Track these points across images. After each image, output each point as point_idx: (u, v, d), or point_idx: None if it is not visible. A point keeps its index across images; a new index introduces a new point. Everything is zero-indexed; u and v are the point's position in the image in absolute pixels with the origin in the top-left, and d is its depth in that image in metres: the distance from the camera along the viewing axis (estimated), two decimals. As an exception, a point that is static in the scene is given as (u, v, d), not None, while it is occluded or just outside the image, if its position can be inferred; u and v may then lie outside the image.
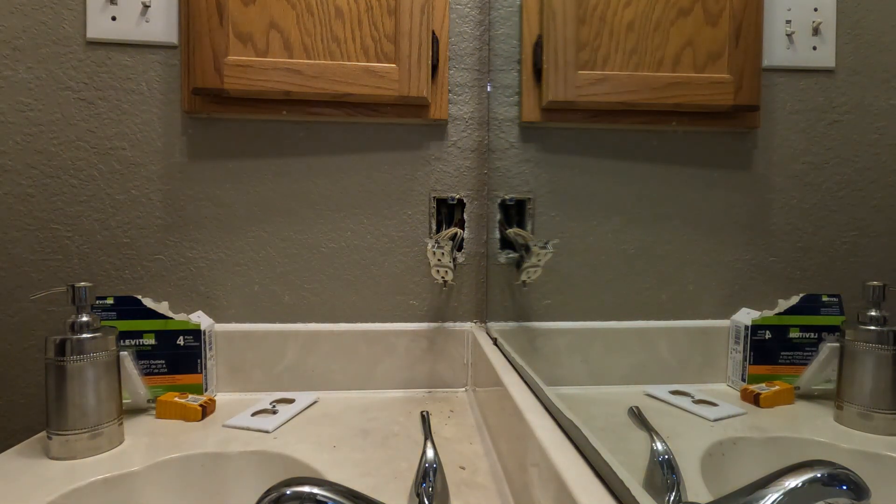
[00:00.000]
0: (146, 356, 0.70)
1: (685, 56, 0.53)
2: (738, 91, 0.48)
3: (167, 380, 0.70)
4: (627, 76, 0.58)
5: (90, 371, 0.57)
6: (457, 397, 0.79)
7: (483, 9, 0.84)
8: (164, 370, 0.70)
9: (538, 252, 0.62)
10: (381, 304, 0.83)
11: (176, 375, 0.71)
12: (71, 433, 0.56)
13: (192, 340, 0.71)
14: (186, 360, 0.71)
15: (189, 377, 0.71)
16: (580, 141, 0.70)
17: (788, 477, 0.27)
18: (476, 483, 0.52)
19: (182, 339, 0.71)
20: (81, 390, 0.57)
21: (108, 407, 0.59)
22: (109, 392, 0.59)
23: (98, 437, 0.57)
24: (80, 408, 0.57)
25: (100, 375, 0.58)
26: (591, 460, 0.35)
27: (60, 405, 0.56)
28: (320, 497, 0.36)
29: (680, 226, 0.53)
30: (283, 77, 0.75)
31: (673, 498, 0.37)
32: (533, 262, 0.63)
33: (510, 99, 0.82)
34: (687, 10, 0.53)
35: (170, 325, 0.71)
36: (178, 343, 0.71)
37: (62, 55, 0.77)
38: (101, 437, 0.57)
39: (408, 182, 0.83)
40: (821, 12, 0.45)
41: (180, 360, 0.71)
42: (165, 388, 0.70)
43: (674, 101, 0.54)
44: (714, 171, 0.50)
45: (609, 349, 0.60)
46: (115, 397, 0.60)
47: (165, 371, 0.70)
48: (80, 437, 0.56)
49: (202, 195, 0.80)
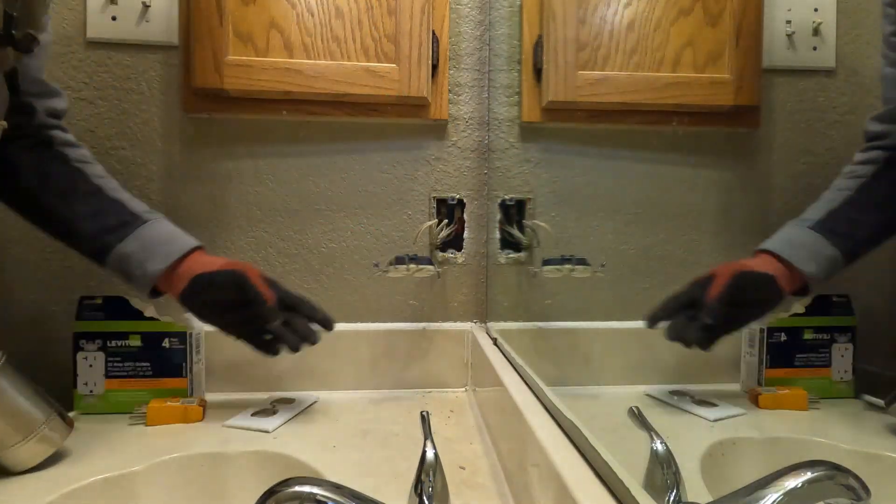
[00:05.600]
0: (131, 357, 0.69)
1: (685, 56, 0.53)
2: (738, 91, 0.48)
3: (151, 383, 0.69)
4: (627, 76, 0.58)
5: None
6: (457, 397, 0.79)
7: (483, 9, 0.84)
8: (149, 373, 0.69)
9: (576, 269, 0.62)
10: (381, 304, 0.83)
11: (161, 378, 0.69)
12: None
13: (177, 343, 0.70)
14: (171, 363, 0.70)
15: (174, 381, 0.69)
16: (580, 141, 0.70)
17: (788, 477, 0.27)
18: (476, 483, 0.52)
19: (167, 342, 0.70)
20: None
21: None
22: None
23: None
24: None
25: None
26: (591, 460, 0.35)
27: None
28: (320, 497, 0.36)
29: (680, 226, 0.53)
30: (283, 77, 0.75)
31: (673, 498, 0.37)
32: (565, 272, 0.63)
33: (510, 99, 0.82)
34: (687, 11, 0.54)
35: (156, 327, 0.69)
36: (164, 345, 0.70)
37: (62, 55, 0.77)
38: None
39: (408, 182, 0.83)
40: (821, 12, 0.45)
41: (165, 363, 0.69)
42: (149, 392, 0.69)
43: (674, 101, 0.54)
44: (714, 171, 0.50)
45: (609, 349, 0.60)
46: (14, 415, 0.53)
47: (150, 374, 0.69)
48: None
49: (202, 195, 0.80)
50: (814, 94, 0.44)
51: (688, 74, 0.53)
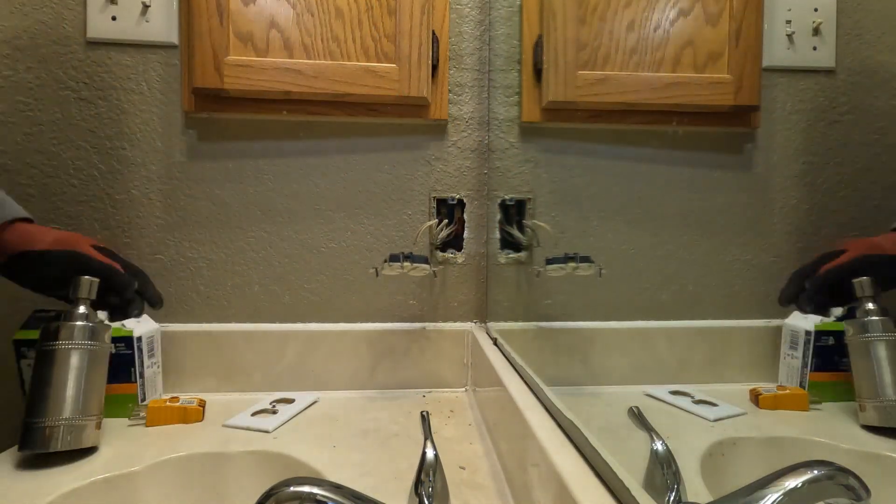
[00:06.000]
0: None
1: (685, 56, 0.53)
2: (738, 91, 0.48)
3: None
4: (627, 76, 0.58)
5: (75, 358, 0.56)
6: (457, 397, 0.79)
7: (483, 9, 0.84)
8: None
9: (580, 266, 0.62)
10: (381, 304, 0.83)
11: (110, 384, 0.65)
12: (43, 421, 0.54)
13: (123, 348, 0.68)
14: (118, 368, 0.67)
15: (122, 386, 0.68)
16: (580, 141, 0.70)
17: (788, 477, 0.27)
18: (476, 483, 0.52)
19: (114, 347, 0.66)
20: (61, 377, 0.55)
21: (88, 401, 0.56)
22: (90, 385, 0.57)
23: (73, 431, 0.55)
24: (56, 396, 0.54)
25: (83, 366, 0.56)
26: (591, 460, 0.35)
27: (35, 392, 0.55)
28: (320, 497, 0.36)
29: (680, 226, 0.53)
30: (283, 77, 0.75)
31: (673, 498, 0.37)
32: (568, 270, 0.63)
33: (510, 99, 0.82)
34: (687, 10, 0.53)
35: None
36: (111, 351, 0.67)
37: (62, 55, 0.77)
38: (74, 431, 0.55)
39: (408, 182, 0.83)
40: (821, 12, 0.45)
41: (112, 369, 0.64)
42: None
43: (674, 101, 0.54)
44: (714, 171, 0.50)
45: (609, 349, 0.60)
46: (95, 394, 0.57)
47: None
48: (55, 427, 0.54)
49: (202, 195, 0.80)
50: (814, 94, 0.44)
51: (688, 74, 0.53)
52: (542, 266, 0.73)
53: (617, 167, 0.60)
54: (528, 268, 0.78)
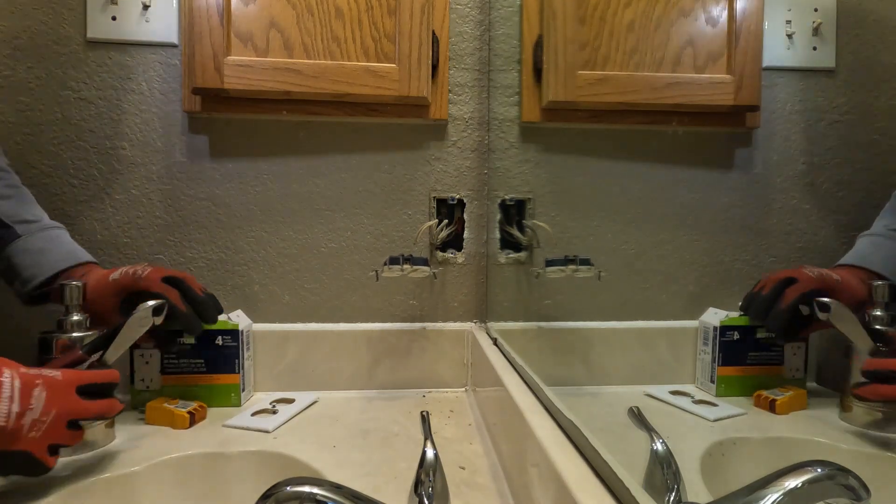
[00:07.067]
0: (186, 355, 0.70)
1: (685, 56, 0.53)
2: (738, 91, 0.48)
3: (206, 379, 0.70)
4: (627, 76, 0.58)
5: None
6: (457, 397, 0.79)
7: (483, 9, 0.84)
8: (203, 369, 0.70)
9: (580, 268, 0.62)
10: (381, 304, 0.83)
11: (214, 375, 0.70)
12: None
13: (230, 340, 0.71)
14: (225, 359, 0.71)
15: (227, 377, 0.71)
16: (580, 141, 0.70)
17: (788, 477, 0.27)
18: (476, 483, 0.52)
19: (220, 339, 0.71)
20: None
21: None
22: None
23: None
24: None
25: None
26: (591, 460, 0.35)
27: None
28: (320, 497, 0.36)
29: (680, 226, 0.53)
30: (283, 77, 0.75)
31: (673, 498, 0.37)
32: (568, 272, 0.63)
33: (510, 99, 0.82)
34: (687, 11, 0.53)
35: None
36: (217, 343, 0.71)
37: (62, 55, 0.77)
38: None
39: (408, 182, 0.83)
40: (821, 12, 0.45)
41: (218, 360, 0.71)
42: (204, 388, 0.70)
43: (674, 101, 0.54)
44: (714, 172, 0.50)
45: (609, 349, 0.60)
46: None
47: (205, 370, 0.70)
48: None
49: (202, 195, 0.80)
50: (814, 94, 0.44)
51: (688, 74, 0.53)
52: (542, 267, 0.73)
53: (617, 167, 0.60)
54: (527, 268, 0.78)
